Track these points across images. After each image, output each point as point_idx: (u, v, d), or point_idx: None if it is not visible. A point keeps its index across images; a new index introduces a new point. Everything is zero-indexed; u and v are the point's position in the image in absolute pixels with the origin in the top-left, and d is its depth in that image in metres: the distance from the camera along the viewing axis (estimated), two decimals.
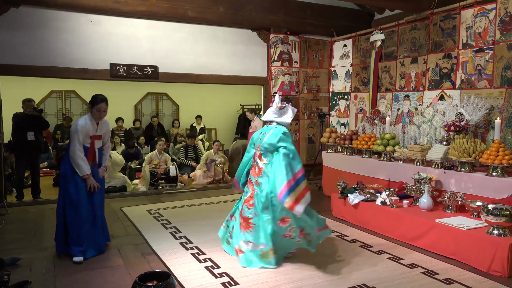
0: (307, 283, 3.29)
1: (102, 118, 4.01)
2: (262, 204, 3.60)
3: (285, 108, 3.87)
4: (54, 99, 10.55)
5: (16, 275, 3.37)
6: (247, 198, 3.77)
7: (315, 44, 8.01)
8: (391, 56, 6.62)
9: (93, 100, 3.95)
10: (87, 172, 3.81)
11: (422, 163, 5.15)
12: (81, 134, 3.81)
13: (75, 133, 3.79)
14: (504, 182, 4.17)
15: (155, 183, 7.28)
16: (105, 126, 4.14)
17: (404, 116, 6.34)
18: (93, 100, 3.95)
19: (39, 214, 5.56)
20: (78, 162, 3.77)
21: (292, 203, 3.39)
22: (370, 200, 4.97)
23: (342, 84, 7.80)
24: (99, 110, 3.94)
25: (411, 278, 3.42)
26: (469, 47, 5.33)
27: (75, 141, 3.78)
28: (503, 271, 3.43)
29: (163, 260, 3.81)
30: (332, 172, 6.56)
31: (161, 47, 6.83)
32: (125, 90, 10.89)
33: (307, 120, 8.07)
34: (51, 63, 6.12)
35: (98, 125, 4.01)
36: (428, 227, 4.09)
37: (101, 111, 3.95)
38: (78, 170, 3.78)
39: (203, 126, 11.31)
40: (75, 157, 3.77)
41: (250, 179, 3.83)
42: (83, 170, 3.78)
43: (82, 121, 3.88)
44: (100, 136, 4.06)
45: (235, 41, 7.39)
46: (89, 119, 3.93)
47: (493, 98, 5.01)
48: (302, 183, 3.49)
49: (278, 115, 3.84)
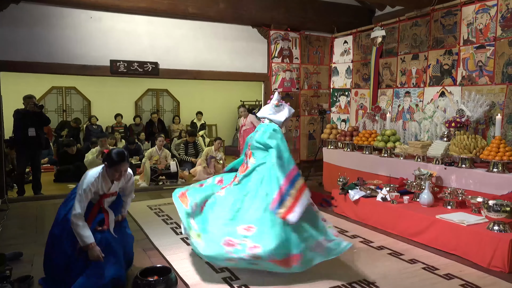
0: (307, 277, 3.30)
1: (120, 179, 3.19)
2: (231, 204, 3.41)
3: (282, 106, 3.77)
4: (54, 95, 10.54)
5: (18, 270, 3.39)
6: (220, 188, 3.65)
7: (316, 41, 7.99)
8: (392, 52, 6.61)
9: (110, 159, 3.04)
10: (88, 241, 2.92)
11: (422, 159, 5.15)
12: (89, 195, 3.03)
13: (81, 194, 2.98)
14: (505, 178, 4.18)
15: (155, 179, 7.29)
16: (124, 180, 3.29)
17: (405, 113, 6.34)
18: (110, 159, 3.04)
19: (40, 209, 5.57)
20: (77, 231, 2.92)
21: (285, 213, 3.13)
22: (370, 196, 4.98)
23: (343, 80, 7.80)
24: (117, 171, 3.07)
25: (411, 273, 3.43)
26: (470, 43, 5.33)
27: (78, 204, 2.95)
28: (503, 267, 3.44)
29: (164, 255, 3.82)
30: (333, 168, 6.57)
31: (162, 43, 6.82)
32: (125, 87, 10.89)
33: (308, 117, 8.07)
34: (52, 60, 6.11)
35: (113, 183, 3.18)
36: (428, 223, 4.10)
37: (120, 171, 3.08)
38: (78, 239, 2.94)
39: (203, 122, 11.32)
40: (74, 226, 2.92)
41: (236, 174, 3.69)
42: (84, 240, 2.92)
43: (92, 180, 3.02)
44: (114, 193, 3.26)
45: (236, 38, 7.38)
46: (102, 176, 3.08)
47: (494, 95, 5.01)
48: (297, 183, 3.26)
49: (273, 112, 3.74)
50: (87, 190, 2.98)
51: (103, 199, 3.15)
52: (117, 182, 3.18)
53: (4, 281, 2.95)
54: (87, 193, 2.98)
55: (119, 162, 3.03)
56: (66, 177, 7.49)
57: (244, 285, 3.18)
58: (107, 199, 3.20)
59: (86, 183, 2.99)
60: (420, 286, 3.18)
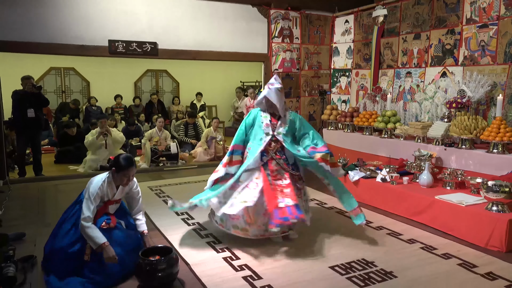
0: (306, 257, 3.34)
1: (128, 184, 3.20)
2: None
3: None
4: (53, 76, 10.46)
5: (21, 250, 3.42)
6: None
7: (317, 20, 7.89)
8: (393, 32, 6.52)
9: (118, 163, 3.05)
10: (101, 241, 2.88)
11: (423, 140, 5.15)
12: (97, 200, 3.03)
13: (89, 199, 2.97)
14: (505, 159, 4.18)
15: (156, 160, 7.30)
16: (128, 187, 3.25)
17: (406, 93, 6.31)
18: (118, 163, 3.05)
19: (41, 190, 5.60)
20: (88, 234, 2.89)
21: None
22: (370, 177, 5.00)
23: (344, 60, 7.72)
24: (126, 175, 3.09)
25: (410, 253, 3.47)
26: (473, 22, 5.25)
27: (87, 208, 2.95)
28: (501, 246, 3.48)
29: (166, 235, 3.87)
30: (333, 149, 6.50)
31: (160, 23, 6.72)
32: (124, 67, 10.80)
33: (308, 97, 8.03)
34: (50, 40, 6.04)
35: (118, 189, 3.17)
36: (427, 204, 4.13)
37: (129, 176, 3.11)
38: (90, 242, 2.91)
39: (203, 103, 11.27)
40: (85, 229, 2.90)
41: None
42: (96, 241, 2.88)
43: (99, 184, 3.02)
44: (118, 201, 3.26)
45: (235, 17, 7.27)
46: (108, 181, 3.08)
47: (496, 75, 4.97)
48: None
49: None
50: (94, 194, 2.98)
51: (107, 205, 3.15)
52: (121, 189, 3.18)
53: (7, 261, 2.98)
54: (95, 197, 2.98)
55: (128, 166, 3.06)
56: (66, 158, 7.51)
57: (245, 264, 3.23)
58: (111, 206, 3.19)
59: (94, 187, 3.00)
60: (418, 265, 3.22)
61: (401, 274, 3.07)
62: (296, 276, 3.04)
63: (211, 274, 3.07)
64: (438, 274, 3.07)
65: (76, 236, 3.00)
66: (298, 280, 2.98)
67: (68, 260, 2.96)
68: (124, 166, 3.04)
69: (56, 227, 3.21)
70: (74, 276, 2.92)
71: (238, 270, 3.13)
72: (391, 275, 3.06)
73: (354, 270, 3.13)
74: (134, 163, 3.14)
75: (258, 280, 2.97)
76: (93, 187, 3.01)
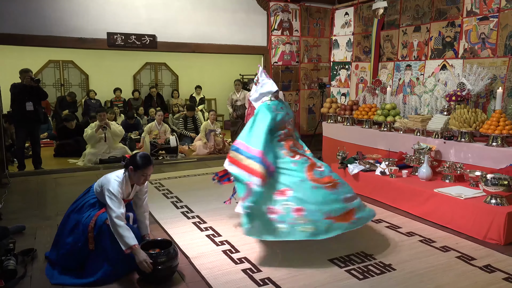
0: (305, 250, 3.36)
1: (144, 183, 3.16)
2: None
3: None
4: (51, 69, 10.42)
5: (21, 243, 3.44)
6: None
7: (316, 12, 7.85)
8: (393, 24, 6.49)
9: (136, 162, 2.99)
10: (131, 243, 2.77)
11: (422, 133, 5.15)
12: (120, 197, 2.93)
13: (114, 197, 2.89)
14: (504, 152, 4.19)
15: (155, 153, 7.31)
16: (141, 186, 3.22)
17: (405, 86, 6.29)
18: (136, 162, 2.99)
19: (41, 184, 5.61)
20: (119, 232, 2.79)
21: None
22: (369, 170, 5.00)
23: (343, 53, 7.70)
24: (144, 174, 3.03)
25: (408, 246, 3.48)
26: (474, 14, 5.23)
27: (116, 206, 2.86)
28: (499, 239, 3.49)
29: (165, 229, 3.88)
30: (332, 142, 6.57)
31: (159, 15, 6.69)
32: (123, 60, 10.76)
33: (308, 90, 8.01)
34: (48, 32, 6.01)
35: (133, 187, 3.14)
36: (426, 197, 4.14)
37: (147, 175, 3.05)
38: (120, 241, 2.80)
39: (202, 96, 11.24)
40: (117, 228, 2.80)
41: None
42: (126, 242, 2.77)
43: (119, 183, 2.96)
44: (130, 200, 3.22)
45: (235, 9, 7.24)
46: (125, 181, 3.02)
47: (496, 68, 4.95)
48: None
49: None
50: (118, 193, 2.90)
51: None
52: (135, 188, 3.13)
53: (8, 254, 3.00)
54: (119, 195, 2.91)
55: (147, 165, 3.00)
56: (65, 151, 7.51)
57: (244, 257, 3.24)
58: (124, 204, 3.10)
59: (114, 187, 2.92)
60: (417, 258, 3.24)
61: (399, 266, 3.09)
62: (295, 268, 3.05)
63: (210, 267, 3.08)
64: (436, 267, 3.09)
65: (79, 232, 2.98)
66: (297, 272, 2.99)
67: (72, 255, 2.96)
68: (143, 164, 2.98)
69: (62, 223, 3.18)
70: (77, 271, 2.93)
71: (238, 263, 3.15)
72: (390, 267, 3.07)
73: (353, 263, 3.15)
74: (152, 161, 3.09)
75: (257, 273, 2.98)
76: (114, 187, 2.91)
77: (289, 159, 3.45)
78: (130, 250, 2.77)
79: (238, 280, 2.89)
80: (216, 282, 2.85)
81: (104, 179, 3.03)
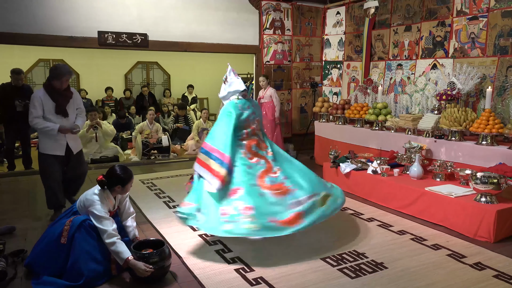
0: (296, 249, 3.37)
1: (127, 192, 3.15)
2: None
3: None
4: (41, 68, 10.31)
5: (11, 244, 3.41)
6: None
7: (308, 12, 7.86)
8: (384, 24, 6.53)
9: (120, 179, 2.99)
10: (125, 256, 2.80)
11: (413, 132, 5.19)
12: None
13: (100, 217, 2.87)
14: (493, 150, 4.24)
15: (147, 153, 7.27)
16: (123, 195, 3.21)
17: (397, 85, 6.34)
18: (120, 179, 2.99)
19: (32, 184, 5.55)
20: (115, 250, 2.80)
21: None
22: (361, 169, 5.03)
23: (335, 52, 7.72)
24: (131, 184, 3.09)
25: (400, 244, 3.51)
26: (463, 14, 5.28)
27: (105, 224, 2.86)
28: (489, 237, 3.53)
29: (158, 228, 3.86)
30: (324, 141, 6.60)
31: (150, 14, 6.65)
32: (114, 59, 10.68)
33: (300, 90, 8.03)
34: (38, 31, 5.94)
35: (116, 199, 3.13)
36: (418, 195, 4.17)
37: (130, 186, 3.09)
38: (116, 258, 2.82)
39: (194, 95, 11.20)
40: (111, 246, 2.82)
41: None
42: (121, 257, 2.80)
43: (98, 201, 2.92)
44: (116, 210, 3.18)
45: (227, 8, 7.22)
46: (106, 197, 3.00)
47: (485, 67, 5.01)
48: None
49: None
50: (102, 211, 2.89)
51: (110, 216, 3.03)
52: (117, 198, 3.13)
53: None
54: (105, 214, 2.90)
55: (131, 175, 3.06)
56: None
57: (237, 257, 3.24)
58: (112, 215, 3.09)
59: (98, 207, 2.88)
60: (408, 256, 3.27)
61: (391, 265, 3.11)
62: (288, 267, 3.06)
63: (203, 266, 3.08)
64: (427, 265, 3.11)
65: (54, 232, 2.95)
66: (290, 272, 3.00)
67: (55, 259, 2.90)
68: (128, 177, 3.02)
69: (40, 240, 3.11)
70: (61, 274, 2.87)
71: (231, 263, 3.15)
72: (381, 266, 3.10)
73: (345, 262, 3.17)
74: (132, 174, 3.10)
75: (250, 272, 2.99)
76: (98, 209, 2.88)
77: (246, 160, 3.47)
78: (126, 265, 2.79)
79: (231, 279, 2.89)
80: (208, 282, 2.85)
81: (86, 201, 2.95)
